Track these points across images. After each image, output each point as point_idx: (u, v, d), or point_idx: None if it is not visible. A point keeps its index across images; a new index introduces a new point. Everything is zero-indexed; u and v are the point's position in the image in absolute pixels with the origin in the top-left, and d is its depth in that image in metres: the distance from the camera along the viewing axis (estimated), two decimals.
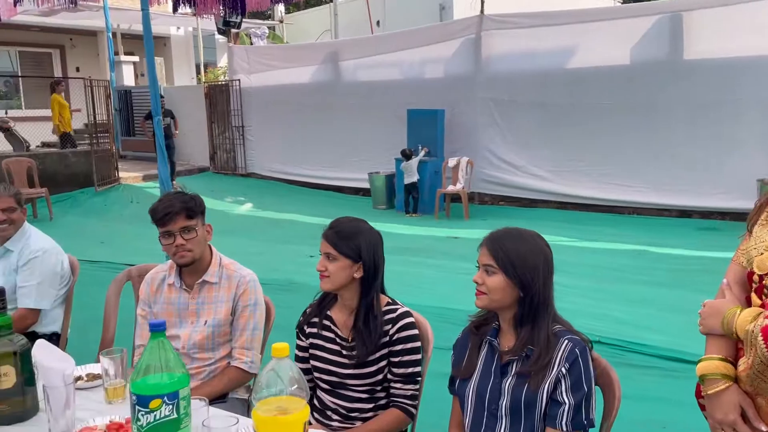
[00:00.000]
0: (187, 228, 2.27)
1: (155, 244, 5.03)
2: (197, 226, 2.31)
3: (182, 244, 2.26)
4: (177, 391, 1.26)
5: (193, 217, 2.30)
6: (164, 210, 2.27)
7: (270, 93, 12.50)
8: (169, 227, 2.25)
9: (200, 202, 2.37)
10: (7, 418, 1.49)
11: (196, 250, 2.30)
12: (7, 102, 16.21)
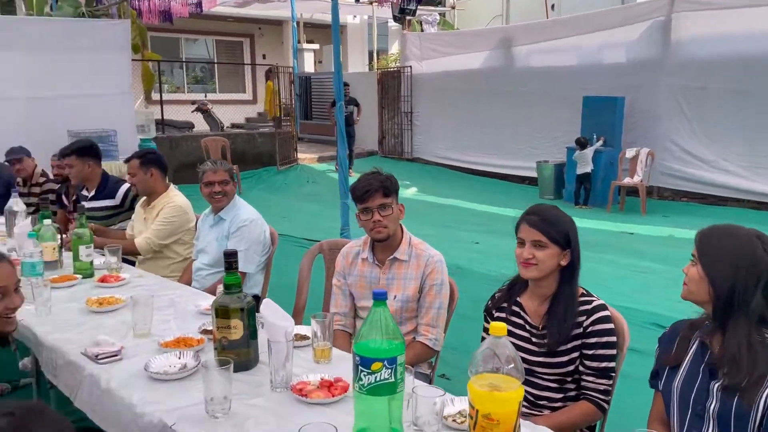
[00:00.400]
0: (384, 205, 2.40)
1: (329, 221, 5.29)
2: (392, 204, 2.43)
3: (379, 220, 2.39)
4: (395, 357, 1.35)
5: (389, 195, 2.42)
6: (364, 188, 2.41)
7: (440, 79, 12.63)
8: (368, 204, 2.40)
9: (395, 182, 2.48)
10: (235, 366, 1.69)
11: (391, 227, 2.42)
12: (203, 86, 17.95)
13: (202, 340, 2.10)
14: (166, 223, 3.62)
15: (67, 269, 3.04)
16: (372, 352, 1.34)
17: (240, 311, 1.87)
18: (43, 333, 2.22)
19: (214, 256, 3.38)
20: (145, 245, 3.57)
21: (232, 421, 1.59)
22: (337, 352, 2.03)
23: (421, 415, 1.46)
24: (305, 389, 1.71)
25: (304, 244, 6.91)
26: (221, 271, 3.31)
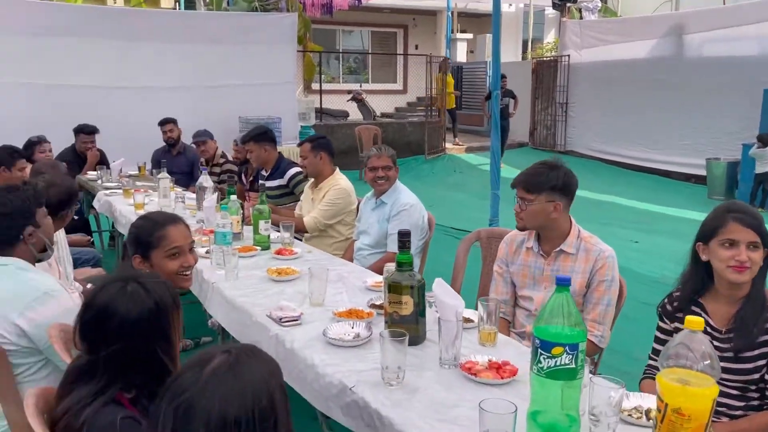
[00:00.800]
0: (524, 199, 2.41)
1: (476, 211, 5.21)
2: (535, 201, 2.38)
3: (517, 211, 2.45)
4: (577, 343, 1.35)
5: (532, 191, 2.38)
6: (516, 177, 2.46)
7: (600, 69, 12.05)
8: (516, 194, 2.45)
9: (555, 178, 2.38)
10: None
11: (528, 221, 2.43)
12: (356, 77, 18.58)
13: (372, 313, 2.22)
14: (331, 205, 3.84)
15: (247, 241, 3.33)
16: (553, 336, 1.35)
17: (410, 288, 1.96)
18: (233, 296, 2.47)
19: (374, 237, 3.54)
20: (312, 223, 3.81)
21: (405, 390, 1.68)
22: (501, 336, 2.06)
23: (597, 405, 1.45)
24: (474, 368, 1.76)
25: (451, 233, 6.98)
26: (381, 252, 3.49)
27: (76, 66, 8.31)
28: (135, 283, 1.51)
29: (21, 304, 2.00)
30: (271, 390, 1.07)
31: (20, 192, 2.10)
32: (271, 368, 1.12)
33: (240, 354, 1.10)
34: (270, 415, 1.05)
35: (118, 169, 5.42)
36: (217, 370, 1.06)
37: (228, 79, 9.46)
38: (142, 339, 1.46)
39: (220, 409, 1.01)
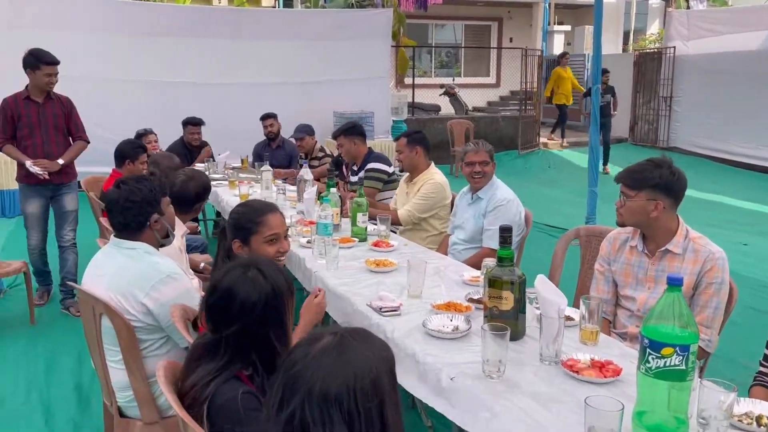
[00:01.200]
0: (625, 195, 2.37)
1: (571, 208, 5.03)
2: (635, 197, 2.33)
3: (617, 206, 2.41)
4: (688, 345, 1.33)
5: (632, 188, 2.34)
6: (621, 173, 2.43)
7: (708, 61, 11.37)
8: (621, 190, 2.40)
9: (658, 177, 2.31)
10: None
11: (625, 216, 2.40)
12: (447, 71, 18.50)
13: (470, 307, 2.25)
14: (425, 198, 3.89)
15: (344, 233, 3.44)
16: (663, 336, 1.34)
17: (511, 284, 1.97)
18: (334, 284, 2.58)
19: (469, 232, 3.55)
20: (406, 217, 3.88)
21: (506, 384, 1.70)
22: (603, 336, 2.03)
23: (707, 408, 1.41)
24: (576, 366, 1.76)
25: (545, 230, 6.85)
26: (477, 247, 3.50)
27: (183, 64, 8.81)
28: (255, 269, 1.63)
29: (147, 285, 2.19)
30: (376, 372, 1.10)
31: (148, 182, 2.29)
32: (379, 352, 1.15)
33: (347, 335, 1.15)
34: (373, 397, 1.08)
35: (223, 162, 5.72)
36: (325, 348, 1.12)
37: (324, 75, 9.71)
38: (259, 321, 1.58)
39: (322, 385, 1.06)
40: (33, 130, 4.22)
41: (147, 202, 2.27)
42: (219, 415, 1.45)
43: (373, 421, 1.08)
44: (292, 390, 1.09)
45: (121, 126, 6.70)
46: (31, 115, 4.21)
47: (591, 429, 1.32)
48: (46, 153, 4.24)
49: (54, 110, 4.27)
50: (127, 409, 2.28)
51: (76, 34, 7.89)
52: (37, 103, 4.21)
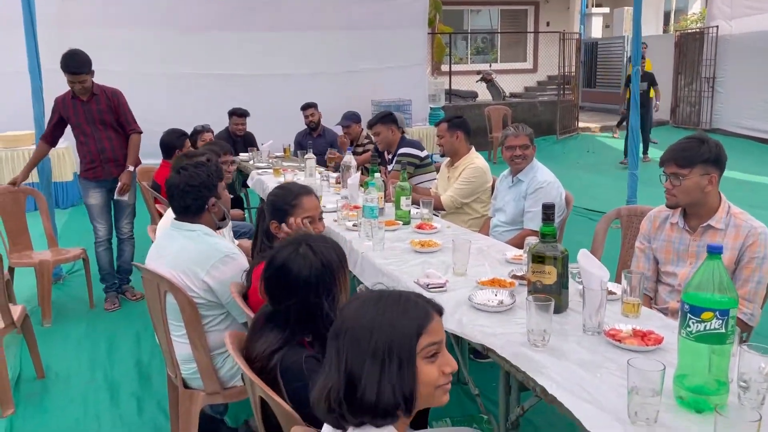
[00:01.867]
0: (675, 174, 2.36)
1: (610, 192, 5.00)
2: (687, 176, 2.34)
3: (668, 188, 2.39)
4: (728, 309, 1.39)
5: (685, 166, 2.34)
6: (664, 154, 2.43)
7: (753, 40, 11.07)
8: (664, 169, 2.41)
9: (706, 151, 2.34)
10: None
11: (680, 197, 2.38)
12: (483, 57, 18.36)
13: (513, 283, 2.33)
14: (467, 183, 3.96)
15: (387, 216, 3.55)
16: (703, 301, 1.40)
17: (554, 259, 2.04)
18: (381, 264, 2.68)
19: (510, 215, 3.62)
20: (449, 202, 3.96)
21: (550, 352, 1.78)
22: (645, 309, 2.09)
23: (747, 372, 1.47)
24: (618, 335, 1.83)
25: (585, 214, 6.84)
26: (518, 229, 3.57)
27: (224, 57, 9.01)
28: (306, 245, 1.75)
29: (207, 264, 2.34)
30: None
31: (206, 167, 2.44)
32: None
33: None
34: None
35: (267, 151, 5.88)
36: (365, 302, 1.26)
37: (362, 64, 9.80)
38: (313, 294, 1.70)
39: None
40: (82, 127, 4.34)
41: (205, 186, 2.41)
42: (286, 377, 1.58)
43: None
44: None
45: (166, 119, 6.91)
46: (78, 113, 4.31)
47: (634, 389, 1.40)
48: (99, 149, 4.36)
49: (99, 106, 4.32)
50: (191, 380, 2.44)
51: (120, 30, 8.15)
52: (81, 101, 4.30)
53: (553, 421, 2.85)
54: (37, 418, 3.09)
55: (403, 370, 1.18)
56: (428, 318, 1.24)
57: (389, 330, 1.19)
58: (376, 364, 1.17)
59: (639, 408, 1.40)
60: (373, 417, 1.18)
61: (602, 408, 1.48)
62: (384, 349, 1.17)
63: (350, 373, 1.18)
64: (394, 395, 1.17)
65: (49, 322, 4.19)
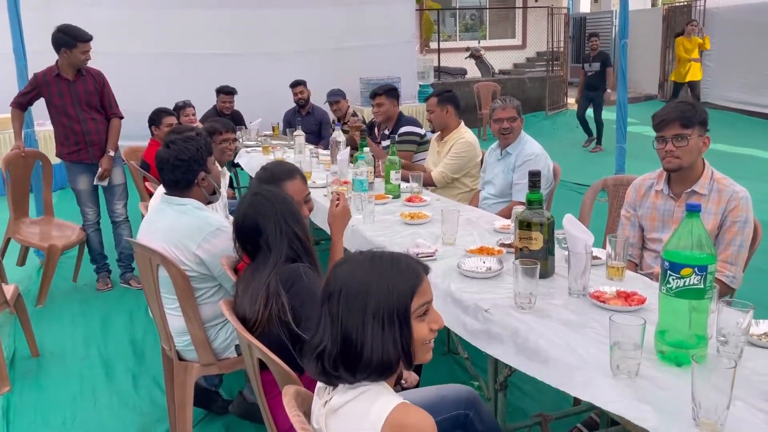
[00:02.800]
0: (679, 135, 2.36)
1: (598, 166, 4.94)
2: (690, 136, 2.37)
3: (671, 150, 2.37)
4: (706, 265, 1.44)
5: (688, 126, 2.36)
6: (661, 117, 2.41)
7: (740, 13, 11.10)
8: (663, 132, 2.39)
9: (701, 112, 2.39)
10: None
11: (684, 158, 2.37)
12: (472, 33, 18.26)
13: (501, 251, 2.38)
14: (457, 158, 3.98)
15: (377, 191, 3.57)
16: (682, 258, 1.44)
17: (540, 225, 2.08)
18: (372, 236, 2.72)
19: (499, 187, 3.65)
20: (440, 178, 3.98)
21: (537, 314, 1.83)
22: (628, 273, 2.14)
23: (725, 327, 1.52)
24: (602, 297, 1.88)
25: (574, 188, 6.90)
26: (506, 201, 3.61)
27: (209, 36, 8.91)
28: (257, 193, 2.03)
29: (199, 237, 2.36)
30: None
31: (195, 141, 2.44)
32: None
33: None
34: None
35: (256, 129, 5.87)
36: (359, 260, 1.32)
37: (350, 41, 9.73)
38: (282, 220, 1.95)
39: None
40: (66, 108, 4.20)
41: (194, 160, 2.42)
42: (286, 285, 1.81)
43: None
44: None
45: (152, 99, 6.82)
46: (63, 93, 4.18)
47: (616, 344, 1.44)
48: (84, 131, 4.25)
49: (86, 87, 4.23)
50: (185, 352, 2.47)
51: (104, 10, 8.03)
52: (67, 81, 4.17)
53: (541, 386, 2.91)
54: (33, 394, 3.12)
55: (401, 329, 1.23)
56: (420, 279, 1.28)
57: (386, 292, 1.23)
58: (377, 324, 1.21)
59: (621, 361, 1.44)
60: (374, 373, 1.23)
61: (586, 362, 1.53)
62: (382, 310, 1.22)
63: (347, 334, 1.22)
64: (396, 352, 1.23)
65: (43, 304, 4.20)
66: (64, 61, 4.15)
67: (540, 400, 2.85)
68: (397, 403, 1.19)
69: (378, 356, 1.21)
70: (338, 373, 1.23)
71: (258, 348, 1.57)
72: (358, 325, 1.21)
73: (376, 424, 1.17)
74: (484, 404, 1.90)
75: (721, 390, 1.23)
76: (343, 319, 1.22)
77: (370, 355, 1.21)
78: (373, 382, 1.24)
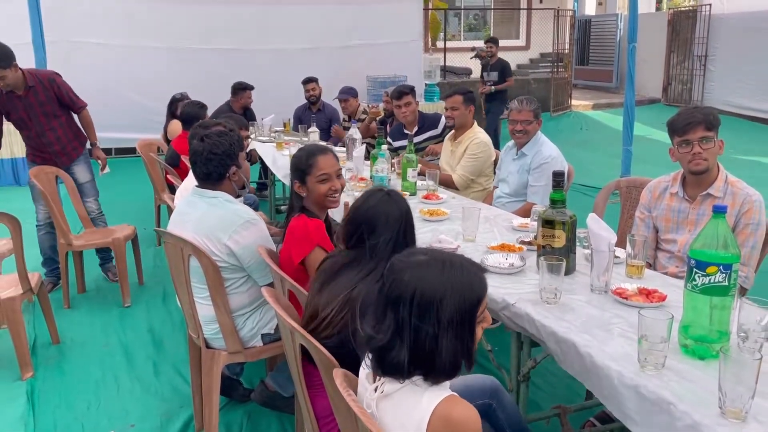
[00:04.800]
0: (705, 138, 2.44)
1: (604, 168, 4.96)
2: (714, 138, 2.46)
3: (699, 152, 2.45)
4: (731, 264, 1.51)
5: (711, 129, 2.45)
6: (685, 120, 2.48)
7: (745, 18, 11.17)
8: (689, 136, 2.46)
9: (717, 117, 2.49)
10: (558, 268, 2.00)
11: (711, 160, 2.47)
12: (476, 34, 18.30)
13: (522, 248, 2.45)
14: (474, 159, 4.03)
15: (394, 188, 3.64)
16: (708, 257, 1.52)
17: (563, 224, 2.16)
18: None
19: (514, 186, 3.72)
20: (461, 181, 4.04)
21: (562, 309, 1.91)
22: (648, 271, 2.22)
23: (746, 323, 1.60)
24: (625, 293, 1.95)
25: (581, 190, 6.98)
26: (520, 200, 3.68)
27: (216, 31, 8.97)
28: (388, 193, 1.94)
29: (230, 229, 2.43)
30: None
31: (228, 136, 2.51)
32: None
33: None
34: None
35: (269, 125, 5.94)
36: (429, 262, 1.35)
37: (357, 39, 9.80)
38: (402, 232, 1.88)
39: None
40: (25, 122, 4.13)
41: (227, 155, 2.49)
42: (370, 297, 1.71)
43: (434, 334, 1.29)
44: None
45: (164, 93, 6.87)
46: (18, 108, 4.08)
47: (643, 337, 1.52)
48: (45, 143, 4.18)
49: (38, 98, 4.09)
50: (213, 341, 2.54)
51: (117, 3, 8.09)
52: (19, 96, 4.05)
53: (553, 381, 3.00)
54: (57, 379, 3.19)
55: (470, 334, 1.31)
56: (486, 287, 1.35)
57: (460, 301, 1.28)
58: (450, 331, 1.28)
59: (648, 354, 1.52)
60: (443, 375, 1.31)
61: (612, 358, 1.61)
62: (455, 318, 1.28)
63: (418, 339, 1.28)
64: (463, 356, 1.31)
65: (128, 302, 4.11)
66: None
67: (552, 394, 2.94)
68: (447, 395, 1.27)
69: (450, 360, 1.28)
70: (403, 371, 1.29)
71: (301, 334, 1.64)
72: (432, 331, 1.27)
73: (426, 412, 1.25)
74: (507, 394, 1.97)
75: (746, 381, 1.30)
76: (415, 325, 1.28)
77: (443, 359, 1.28)
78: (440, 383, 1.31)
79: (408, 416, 1.27)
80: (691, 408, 1.37)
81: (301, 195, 2.52)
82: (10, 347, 3.22)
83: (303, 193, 2.52)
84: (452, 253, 1.40)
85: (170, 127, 5.46)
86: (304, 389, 1.78)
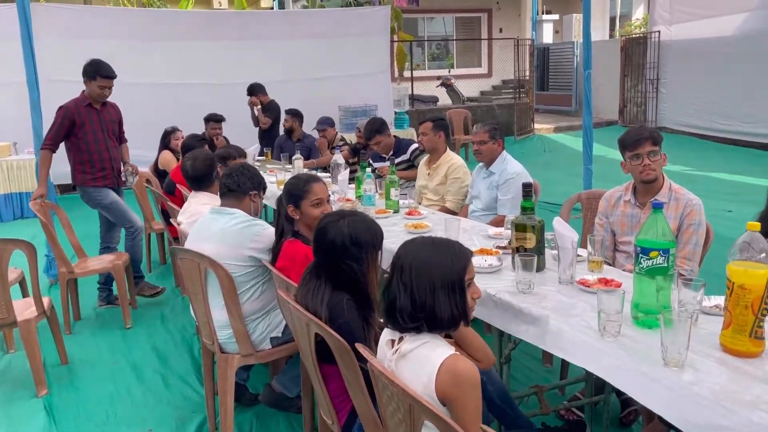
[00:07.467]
0: (653, 152, 2.86)
1: (566, 186, 5.33)
2: (659, 152, 2.87)
3: (648, 164, 2.85)
4: (668, 248, 1.89)
5: (657, 144, 2.87)
6: (635, 137, 2.90)
7: (691, 44, 11.96)
8: (639, 150, 2.86)
9: (660, 134, 2.92)
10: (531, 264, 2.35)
11: (658, 170, 2.88)
12: (438, 63, 18.99)
13: (498, 252, 2.81)
14: (459, 182, 4.39)
15: (377, 206, 3.99)
16: (650, 244, 1.89)
17: (533, 227, 2.53)
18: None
19: (485, 201, 4.10)
20: (455, 206, 4.37)
21: (536, 297, 2.26)
22: (606, 266, 2.59)
23: (684, 299, 1.97)
24: (587, 282, 2.32)
25: (546, 207, 7.42)
26: (492, 213, 4.06)
27: (193, 67, 9.35)
28: (345, 219, 2.19)
29: (248, 239, 2.77)
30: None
31: (255, 169, 2.92)
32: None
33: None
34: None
35: (253, 154, 6.24)
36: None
37: (328, 71, 10.23)
38: (342, 258, 2.12)
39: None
40: (96, 135, 4.51)
41: (251, 180, 2.89)
42: (332, 314, 2.05)
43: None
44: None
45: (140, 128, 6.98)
46: (94, 121, 4.50)
47: (602, 310, 1.88)
48: (110, 158, 4.59)
49: (111, 116, 4.63)
50: (226, 345, 2.83)
51: (92, 41, 8.33)
52: (97, 110, 4.52)
53: (530, 364, 3.35)
54: (72, 395, 3.41)
55: (461, 294, 1.69)
56: (468, 258, 1.75)
57: (449, 266, 1.69)
58: (443, 291, 1.66)
59: (606, 323, 1.88)
60: (443, 327, 1.70)
61: (580, 330, 1.96)
62: (447, 280, 1.67)
63: (419, 298, 1.66)
64: (459, 312, 1.69)
65: (129, 324, 4.32)
66: (88, 91, 4.51)
67: (528, 376, 3.29)
68: (451, 353, 1.61)
69: (447, 314, 1.67)
70: (410, 326, 1.66)
71: (315, 323, 1.95)
72: (429, 291, 1.65)
73: (435, 366, 1.58)
74: (494, 371, 2.31)
75: (680, 336, 1.66)
76: (415, 287, 1.67)
77: (441, 313, 1.66)
78: (433, 335, 1.66)
79: (421, 370, 1.60)
80: (642, 360, 1.73)
81: (294, 218, 2.82)
82: (21, 370, 3.43)
83: (296, 216, 2.82)
84: (443, 237, 1.77)
85: (162, 158, 5.76)
86: (318, 374, 2.08)
